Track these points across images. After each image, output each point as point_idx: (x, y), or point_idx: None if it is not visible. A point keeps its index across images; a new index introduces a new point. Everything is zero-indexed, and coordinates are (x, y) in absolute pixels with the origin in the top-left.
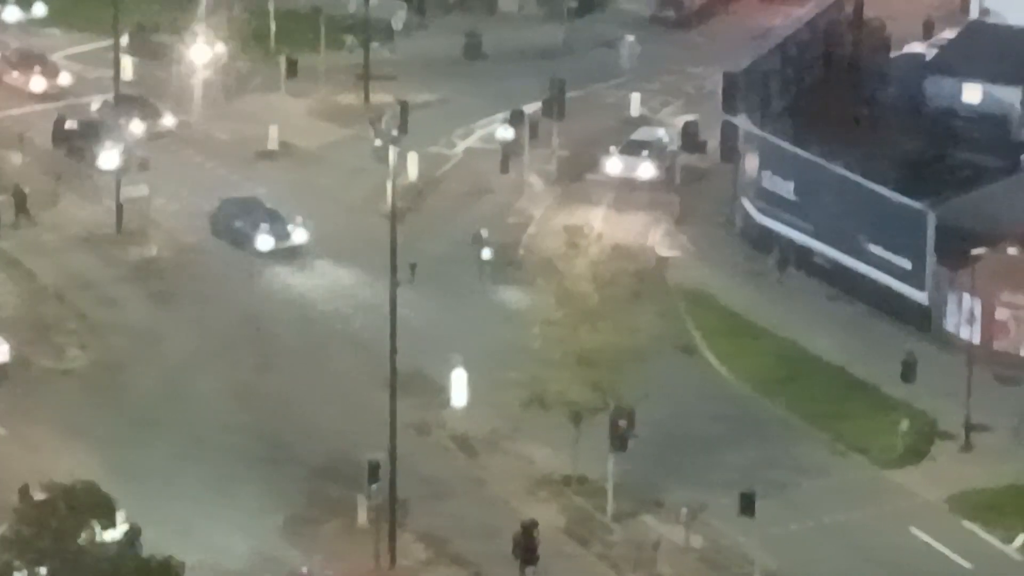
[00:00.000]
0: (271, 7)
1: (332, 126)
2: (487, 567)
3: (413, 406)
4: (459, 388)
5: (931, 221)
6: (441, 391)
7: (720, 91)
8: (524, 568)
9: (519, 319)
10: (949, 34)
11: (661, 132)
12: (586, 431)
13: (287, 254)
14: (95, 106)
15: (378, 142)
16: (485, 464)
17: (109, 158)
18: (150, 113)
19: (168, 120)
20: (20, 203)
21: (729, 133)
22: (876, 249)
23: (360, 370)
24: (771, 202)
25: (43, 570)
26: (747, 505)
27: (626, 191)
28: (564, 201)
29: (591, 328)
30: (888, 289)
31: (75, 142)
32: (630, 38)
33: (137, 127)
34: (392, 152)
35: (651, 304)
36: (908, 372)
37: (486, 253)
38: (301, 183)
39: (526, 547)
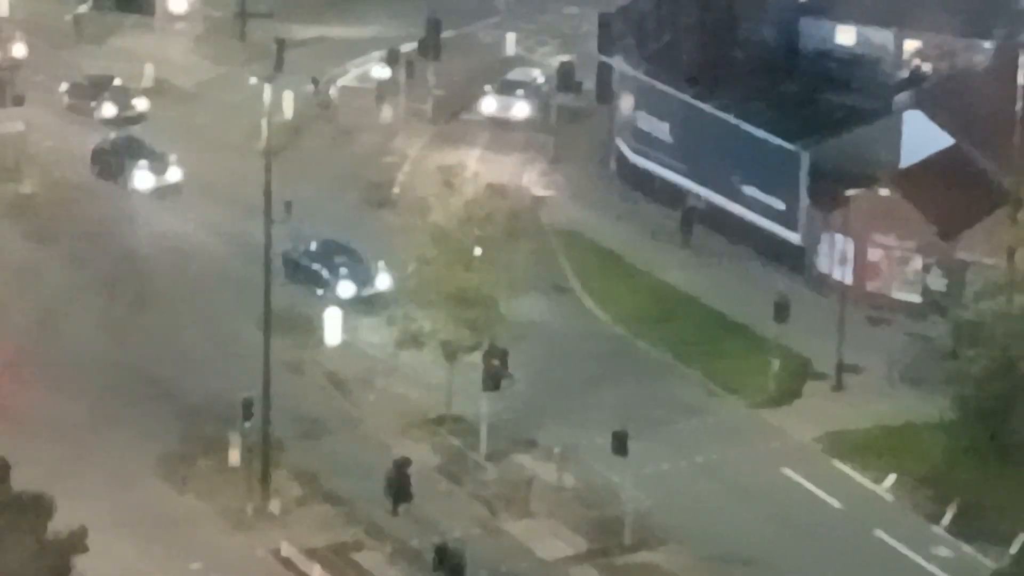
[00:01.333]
0: None
1: (208, 64)
2: (360, 505)
3: (288, 344)
4: (333, 327)
5: (804, 162)
6: (316, 330)
7: (596, 31)
8: (397, 506)
9: (394, 258)
10: None
11: (536, 72)
12: (460, 370)
13: (368, 301)
14: (63, 87)
15: (253, 79)
16: (359, 403)
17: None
18: (121, 96)
19: (141, 103)
20: None
21: (605, 74)
22: (750, 190)
23: (235, 308)
24: (646, 143)
25: None
26: (620, 444)
27: (501, 131)
28: (439, 140)
29: (466, 267)
30: (762, 230)
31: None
32: None
33: (109, 111)
34: (269, 90)
35: (526, 243)
36: (781, 312)
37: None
38: (177, 121)
39: (399, 485)
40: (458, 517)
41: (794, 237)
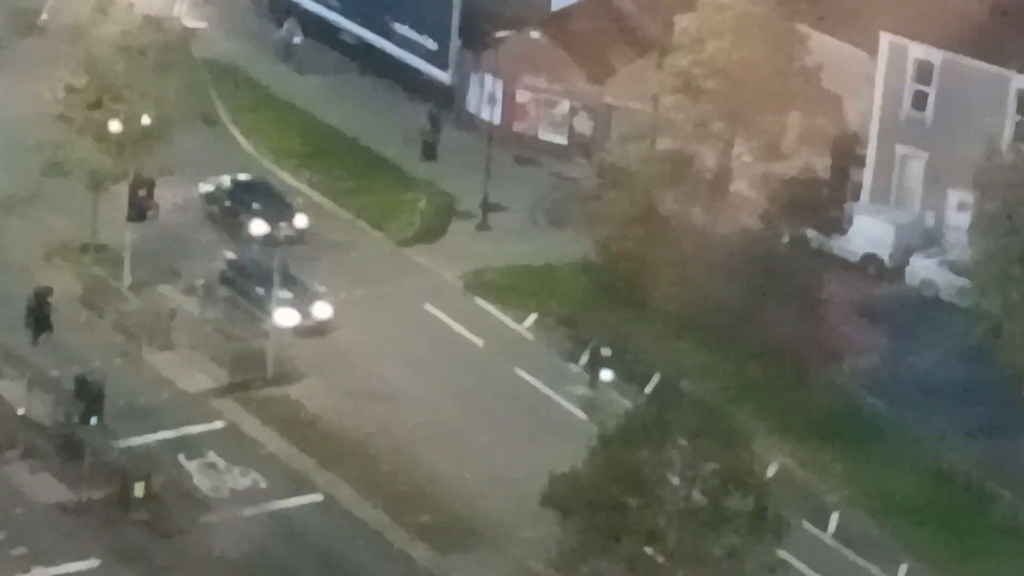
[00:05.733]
0: None
1: None
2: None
3: None
4: None
5: (456, 1)
6: None
7: None
8: (37, 335)
9: (39, 88)
10: None
11: None
12: (106, 200)
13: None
14: None
15: None
16: (1, 229)
17: None
18: None
19: None
20: None
21: None
22: (402, 28)
23: None
24: None
25: None
26: None
27: None
28: None
29: (116, 97)
30: (413, 69)
31: None
32: None
33: None
34: None
35: (177, 76)
36: (429, 151)
37: (606, 375)
38: None
39: (39, 314)
40: (99, 347)
41: (444, 76)
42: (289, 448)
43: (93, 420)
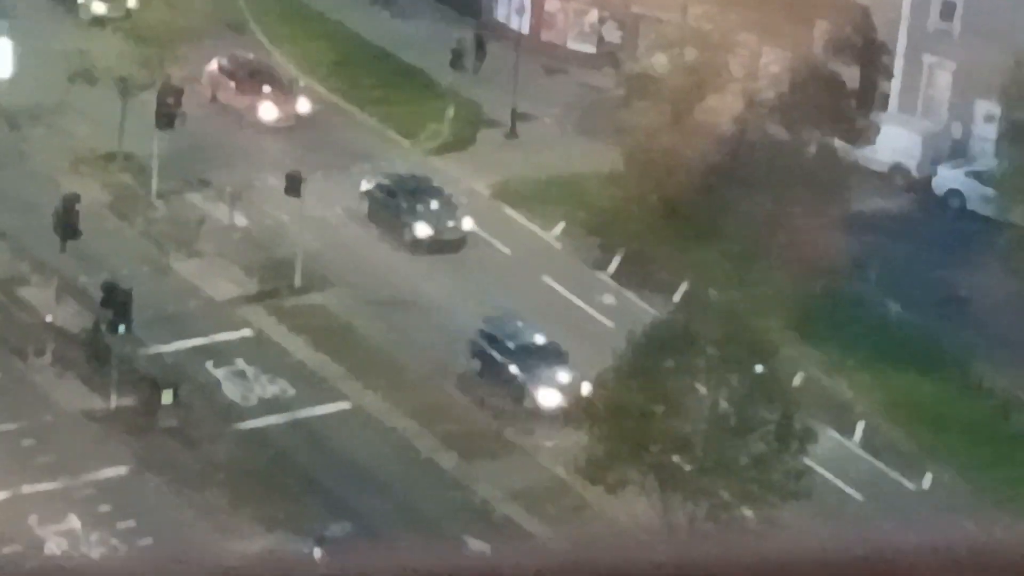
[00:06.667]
0: None
1: None
2: (28, 241)
3: None
4: (3, 58)
5: None
6: None
7: None
8: (64, 242)
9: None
10: None
11: None
12: (133, 108)
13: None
14: None
15: None
16: (28, 137)
17: None
18: None
19: None
20: None
21: None
22: None
23: None
24: None
25: None
26: (293, 185)
27: None
28: None
29: (144, 4)
30: None
31: None
32: None
33: None
34: None
35: None
36: (457, 59)
37: None
38: None
39: (67, 221)
40: (127, 255)
41: None
42: (317, 356)
43: (121, 328)
